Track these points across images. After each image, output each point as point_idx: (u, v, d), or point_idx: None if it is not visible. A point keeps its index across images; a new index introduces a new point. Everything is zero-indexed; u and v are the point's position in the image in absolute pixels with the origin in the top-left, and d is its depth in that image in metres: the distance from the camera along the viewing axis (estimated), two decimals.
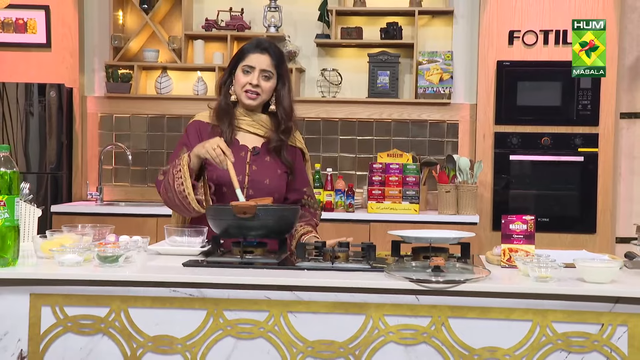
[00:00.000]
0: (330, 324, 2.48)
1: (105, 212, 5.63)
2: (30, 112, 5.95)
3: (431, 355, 2.46)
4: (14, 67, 6.13)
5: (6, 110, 5.95)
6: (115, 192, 6.26)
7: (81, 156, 6.21)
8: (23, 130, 5.94)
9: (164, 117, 6.22)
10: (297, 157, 3.33)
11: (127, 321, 2.51)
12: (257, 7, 6.12)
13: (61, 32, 6.12)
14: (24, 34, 6.15)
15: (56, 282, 2.53)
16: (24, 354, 2.53)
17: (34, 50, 6.14)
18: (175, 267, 2.65)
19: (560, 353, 2.42)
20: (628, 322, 2.40)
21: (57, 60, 6.13)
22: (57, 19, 6.11)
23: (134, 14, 6.29)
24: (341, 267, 2.65)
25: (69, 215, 5.62)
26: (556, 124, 5.69)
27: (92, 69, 6.27)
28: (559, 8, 5.68)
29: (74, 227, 2.99)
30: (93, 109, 6.26)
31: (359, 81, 6.10)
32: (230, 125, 3.19)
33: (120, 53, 6.09)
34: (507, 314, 2.44)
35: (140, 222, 5.42)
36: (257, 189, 3.14)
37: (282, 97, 3.22)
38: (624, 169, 5.81)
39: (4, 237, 2.55)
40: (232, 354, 2.49)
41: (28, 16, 6.13)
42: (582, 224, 5.66)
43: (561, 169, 5.68)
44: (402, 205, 5.47)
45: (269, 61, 3.16)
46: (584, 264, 2.48)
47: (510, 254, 2.74)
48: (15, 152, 5.92)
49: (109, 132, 6.26)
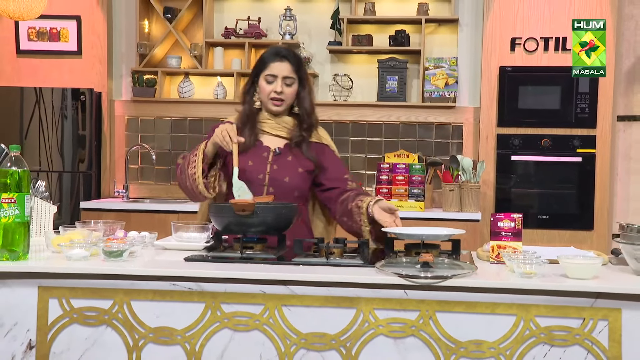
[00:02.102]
0: (322, 317, 2.41)
1: (131, 209, 5.61)
2: (64, 115, 5.93)
3: (419, 347, 2.38)
4: (48, 73, 6.12)
5: (42, 114, 5.94)
6: (141, 189, 6.23)
7: (109, 156, 6.19)
8: (58, 132, 5.93)
9: (186, 120, 6.18)
10: (326, 151, 3.24)
11: (130, 313, 2.46)
12: (274, 16, 6.08)
13: (91, 41, 6.10)
14: (57, 42, 6.14)
15: (63, 276, 2.48)
16: (32, 343, 2.49)
17: (66, 57, 6.13)
18: (177, 261, 2.59)
19: (543, 346, 2.34)
20: (608, 316, 2.31)
21: (88, 66, 6.11)
22: (87, 28, 6.09)
23: (158, 23, 6.26)
24: (335, 262, 2.59)
25: (97, 212, 5.60)
26: (556, 126, 5.59)
27: (119, 74, 6.25)
28: (558, 16, 5.58)
29: (87, 223, 2.95)
30: (120, 112, 6.23)
31: (369, 86, 6.03)
32: (253, 129, 3.14)
33: (145, 60, 6.06)
34: (492, 308, 2.36)
35: (163, 218, 5.38)
36: (277, 186, 3.07)
37: (303, 98, 3.17)
38: (621, 169, 5.71)
39: (14, 233, 2.51)
40: (229, 345, 2.44)
41: (61, 26, 6.12)
42: (580, 222, 5.56)
43: (560, 169, 5.59)
44: (408, 202, 5.39)
45: (289, 68, 3.11)
46: (567, 260, 2.39)
47: (499, 250, 2.65)
48: (51, 153, 5.92)
49: (134, 133, 6.24)
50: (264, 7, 6.15)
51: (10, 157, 2.53)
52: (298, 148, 3.16)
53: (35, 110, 5.94)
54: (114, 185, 6.17)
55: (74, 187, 5.93)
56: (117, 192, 6.10)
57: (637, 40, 5.65)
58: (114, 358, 2.47)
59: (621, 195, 5.69)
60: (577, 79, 5.49)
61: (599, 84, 5.50)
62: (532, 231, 5.55)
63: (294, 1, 6.08)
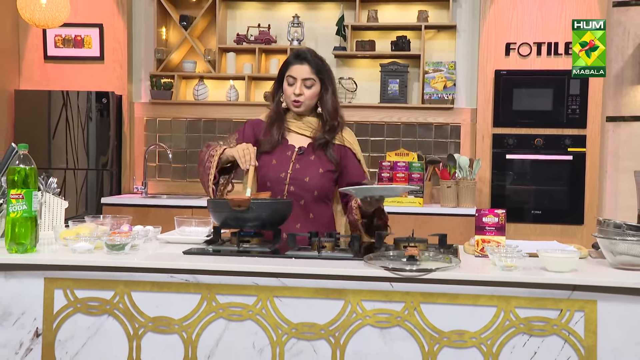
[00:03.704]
0: (312, 308, 2.35)
1: (149, 204, 5.58)
2: (89, 117, 5.91)
3: (404, 337, 2.32)
4: (73, 78, 6.10)
5: (69, 115, 5.93)
6: (158, 186, 6.19)
7: (129, 155, 6.16)
8: (83, 132, 5.91)
9: (200, 121, 6.14)
10: (348, 154, 3.13)
11: (130, 303, 2.41)
12: (282, 23, 6.03)
13: (112, 47, 6.07)
14: (81, 48, 6.12)
15: (68, 268, 2.43)
16: (39, 331, 2.45)
17: (89, 62, 6.11)
18: (176, 254, 2.54)
19: (522, 336, 2.27)
20: (585, 308, 2.23)
21: (109, 71, 6.08)
22: (109, 35, 6.06)
23: (175, 31, 6.22)
24: (326, 255, 2.52)
25: (117, 207, 5.57)
26: (548, 127, 5.51)
27: (138, 78, 6.22)
28: (550, 22, 5.50)
29: (96, 218, 2.91)
30: (139, 113, 6.20)
31: (372, 88, 5.96)
32: (279, 129, 3.08)
33: (162, 64, 6.04)
34: (474, 300, 2.29)
35: (179, 213, 5.32)
36: (298, 185, 3.01)
37: (325, 100, 3.06)
38: (610, 167, 5.61)
39: (22, 227, 2.47)
40: (224, 334, 2.38)
41: (85, 33, 6.10)
42: (571, 216, 5.47)
43: (552, 167, 5.50)
44: (408, 198, 5.32)
45: (308, 70, 3.01)
46: (546, 254, 2.32)
47: (483, 244, 2.58)
48: (77, 151, 5.91)
49: (153, 133, 6.21)
50: (273, 14, 6.10)
51: (19, 155, 2.49)
52: (321, 149, 3.08)
53: (63, 112, 5.93)
54: (134, 182, 6.14)
55: (98, 183, 5.91)
56: (136, 189, 6.07)
57: (624, 45, 5.56)
58: (115, 346, 2.42)
59: (610, 191, 5.60)
60: (568, 82, 5.41)
61: (589, 87, 5.43)
62: (525, 225, 5.48)
63: (301, 9, 6.03)
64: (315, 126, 3.10)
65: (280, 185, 3.00)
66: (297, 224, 2.96)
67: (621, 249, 2.32)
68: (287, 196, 2.98)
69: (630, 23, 5.56)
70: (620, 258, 2.34)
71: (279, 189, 2.98)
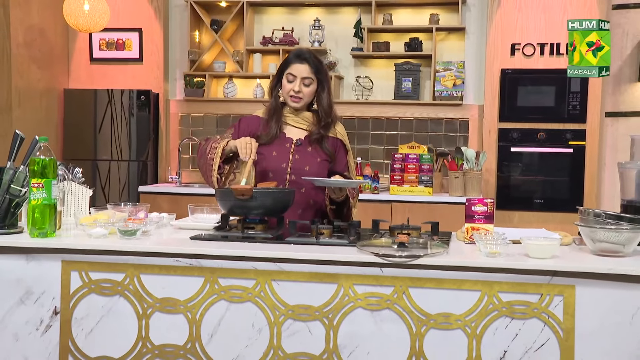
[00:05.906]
0: (307, 291, 2.28)
1: (182, 192, 5.54)
2: (131, 113, 5.89)
3: (393, 319, 2.23)
4: (115, 77, 6.07)
5: (114, 112, 5.91)
6: (191, 176, 6.15)
7: (165, 147, 6.12)
8: (126, 127, 5.89)
9: (229, 116, 6.07)
10: (338, 147, 3.07)
11: (139, 285, 2.36)
12: (304, 26, 5.93)
13: (150, 49, 6.03)
14: (122, 51, 6.09)
15: (83, 252, 2.39)
16: (57, 309, 2.41)
17: (130, 63, 6.07)
18: (184, 239, 2.48)
19: (504, 319, 2.17)
20: (564, 292, 2.13)
21: (147, 71, 6.04)
22: (147, 38, 6.02)
23: (206, 34, 6.15)
24: (323, 242, 2.44)
25: (153, 195, 5.55)
26: (550, 122, 5.34)
27: (174, 78, 6.17)
28: (553, 24, 5.33)
29: (117, 205, 2.86)
30: (174, 109, 6.15)
31: (387, 86, 5.84)
32: (278, 122, 3.01)
33: (195, 65, 5.98)
34: (459, 284, 2.19)
35: (208, 200, 5.26)
36: (299, 174, 2.93)
37: (322, 98, 2.99)
38: (608, 160, 5.44)
39: (42, 213, 2.43)
40: (225, 315, 2.32)
41: (125, 37, 6.06)
42: (571, 205, 5.26)
43: (554, 159, 5.34)
44: (418, 188, 5.21)
45: (308, 69, 2.94)
46: (528, 241, 2.21)
47: (473, 232, 2.48)
48: (120, 144, 5.89)
49: (186, 128, 6.16)
50: (296, 18, 6.00)
51: (39, 147, 2.45)
52: (317, 142, 3.01)
53: (107, 109, 5.91)
54: (169, 172, 6.11)
55: (138, 173, 5.89)
56: (171, 178, 6.04)
57: (623, 45, 5.38)
58: (126, 324, 2.37)
59: (608, 182, 5.43)
60: (569, 80, 5.24)
61: (589, 84, 5.25)
62: (529, 213, 5.35)
63: (322, 13, 5.93)
64: (311, 120, 3.03)
65: (282, 175, 2.92)
66: (299, 210, 2.89)
67: (600, 236, 2.21)
68: (289, 185, 2.90)
69: (630, 25, 5.38)
70: (599, 245, 2.23)
71: (281, 178, 2.91)
